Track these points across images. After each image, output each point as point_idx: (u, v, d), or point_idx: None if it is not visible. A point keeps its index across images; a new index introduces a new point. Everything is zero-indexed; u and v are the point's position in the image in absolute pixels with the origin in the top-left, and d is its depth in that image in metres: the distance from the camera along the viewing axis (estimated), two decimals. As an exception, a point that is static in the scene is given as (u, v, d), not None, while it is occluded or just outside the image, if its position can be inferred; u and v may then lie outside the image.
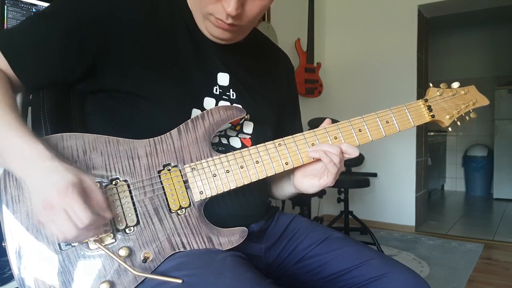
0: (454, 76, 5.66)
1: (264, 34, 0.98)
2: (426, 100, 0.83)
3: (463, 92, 0.84)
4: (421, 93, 3.51)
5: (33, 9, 1.31)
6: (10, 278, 1.21)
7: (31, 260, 0.64)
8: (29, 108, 0.85)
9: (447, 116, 0.83)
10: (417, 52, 3.46)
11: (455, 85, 0.85)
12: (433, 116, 0.82)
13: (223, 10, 0.70)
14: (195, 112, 0.76)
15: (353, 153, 0.77)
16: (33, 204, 0.60)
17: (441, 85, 0.84)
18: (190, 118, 0.74)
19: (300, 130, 0.81)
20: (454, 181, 5.85)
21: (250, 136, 0.83)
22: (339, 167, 0.77)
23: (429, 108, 0.82)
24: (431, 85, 0.85)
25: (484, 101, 0.86)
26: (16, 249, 0.64)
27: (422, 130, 3.68)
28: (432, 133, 4.91)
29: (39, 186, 0.59)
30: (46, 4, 1.34)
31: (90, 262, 0.65)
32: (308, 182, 0.82)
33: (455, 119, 0.84)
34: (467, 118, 0.85)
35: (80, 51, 0.71)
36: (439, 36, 5.52)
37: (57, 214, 0.58)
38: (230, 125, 0.81)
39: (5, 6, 1.24)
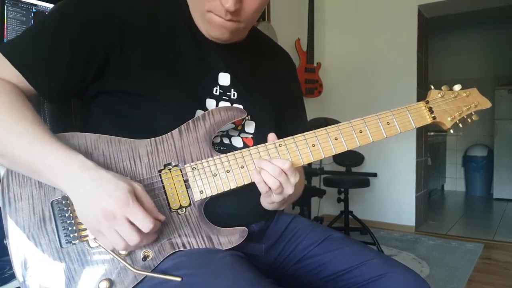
0: (454, 76, 5.66)
1: (264, 33, 0.98)
2: (427, 102, 0.82)
3: (464, 95, 0.84)
4: (421, 93, 3.51)
5: (33, 9, 1.31)
6: (10, 278, 1.21)
7: (32, 258, 0.64)
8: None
9: (449, 118, 0.82)
10: (417, 52, 3.46)
11: (457, 87, 0.84)
12: (434, 118, 0.82)
13: (221, 7, 0.69)
14: (199, 113, 0.76)
15: (282, 165, 0.71)
16: (89, 215, 0.60)
17: (442, 88, 0.83)
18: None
19: (303, 129, 0.78)
20: (454, 181, 5.85)
21: (252, 136, 0.83)
22: (276, 187, 0.70)
23: (430, 110, 0.82)
24: (432, 87, 0.85)
25: (486, 103, 0.85)
26: (17, 246, 0.64)
27: (422, 130, 3.68)
28: (432, 133, 4.91)
29: (92, 197, 0.59)
30: (46, 4, 1.34)
31: (90, 260, 0.65)
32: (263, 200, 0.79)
33: (457, 121, 0.84)
34: (468, 120, 0.85)
35: (89, 55, 0.70)
36: (439, 36, 5.52)
37: (119, 223, 0.59)
38: (233, 125, 0.81)
39: (5, 6, 1.24)
